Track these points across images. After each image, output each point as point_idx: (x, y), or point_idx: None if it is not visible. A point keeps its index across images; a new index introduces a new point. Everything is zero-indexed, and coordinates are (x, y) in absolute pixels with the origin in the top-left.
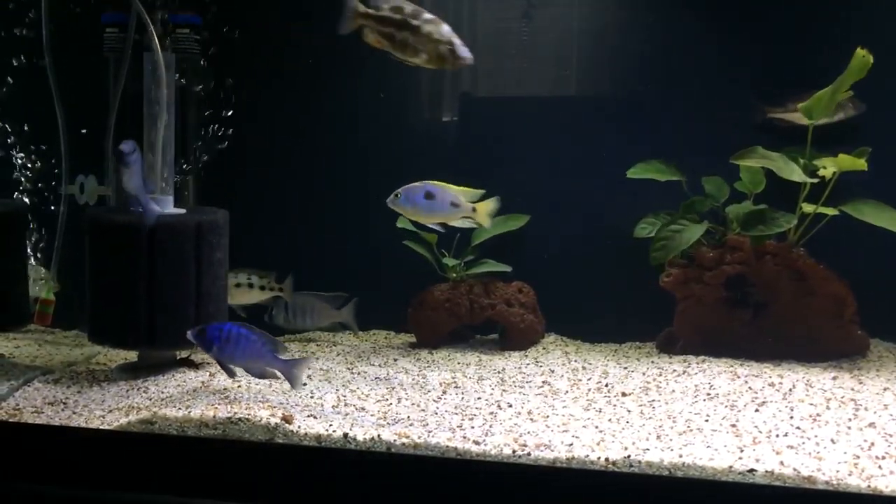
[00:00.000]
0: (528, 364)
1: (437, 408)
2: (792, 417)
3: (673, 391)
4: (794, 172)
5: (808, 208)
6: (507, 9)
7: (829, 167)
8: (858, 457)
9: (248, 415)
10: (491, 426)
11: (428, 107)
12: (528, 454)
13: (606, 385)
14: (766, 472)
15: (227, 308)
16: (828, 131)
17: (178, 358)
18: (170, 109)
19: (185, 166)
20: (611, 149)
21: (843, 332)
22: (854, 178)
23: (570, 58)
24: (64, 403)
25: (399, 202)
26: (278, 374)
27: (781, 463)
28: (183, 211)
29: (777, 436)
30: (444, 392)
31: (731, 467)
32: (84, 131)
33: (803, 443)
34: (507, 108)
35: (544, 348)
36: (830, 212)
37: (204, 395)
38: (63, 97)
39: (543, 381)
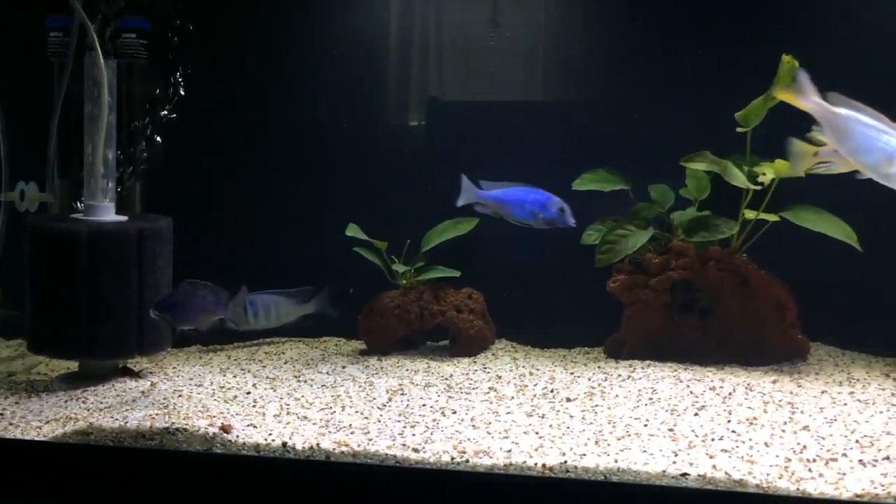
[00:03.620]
0: (476, 370)
1: (381, 415)
2: (729, 421)
3: (616, 396)
4: (738, 178)
5: (749, 214)
6: (473, 13)
7: (768, 173)
8: (790, 460)
9: (186, 425)
10: (432, 433)
11: (383, 111)
12: (467, 461)
13: (552, 391)
14: (699, 475)
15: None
16: None
17: (120, 367)
18: (110, 115)
19: (129, 168)
20: (561, 154)
21: (785, 336)
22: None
23: (528, 62)
24: (1, 414)
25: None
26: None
27: (714, 467)
28: (125, 218)
29: (713, 440)
30: (390, 399)
31: (664, 472)
32: None
33: (737, 446)
34: (458, 112)
35: (494, 354)
36: (772, 218)
37: (143, 405)
38: (3, 102)
39: (490, 388)
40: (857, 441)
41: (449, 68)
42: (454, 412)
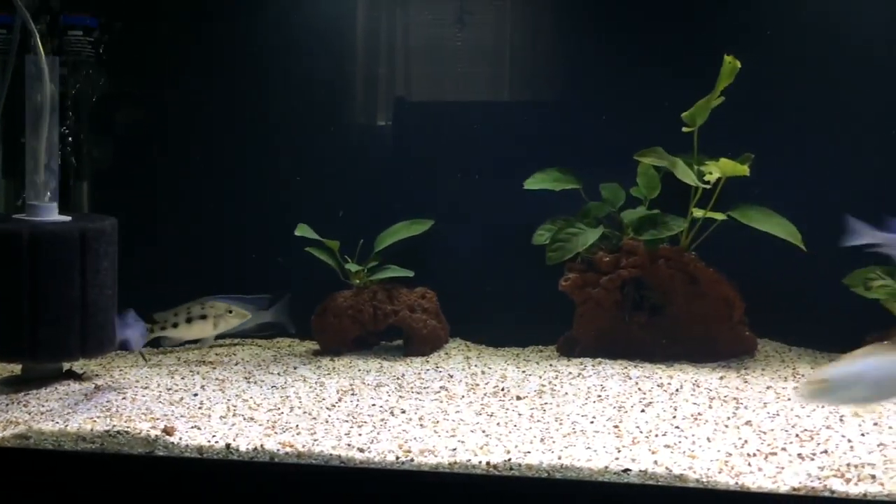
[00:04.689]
0: (429, 370)
1: (329, 416)
2: (674, 417)
3: (566, 394)
4: (687, 175)
5: (697, 213)
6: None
7: (714, 172)
8: (731, 454)
9: (128, 427)
10: (379, 433)
11: (333, 111)
12: (412, 460)
13: (503, 389)
14: (640, 471)
15: (116, 318)
16: None
17: (65, 370)
18: (53, 113)
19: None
20: (516, 154)
21: (733, 333)
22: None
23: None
24: None
25: None
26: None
27: (655, 462)
28: (68, 218)
29: (656, 436)
30: (340, 399)
31: (606, 468)
32: None
33: (680, 442)
34: (413, 112)
35: (447, 353)
36: (719, 217)
37: (85, 407)
38: None
39: (441, 387)
40: (797, 435)
41: (411, 68)
42: (403, 412)
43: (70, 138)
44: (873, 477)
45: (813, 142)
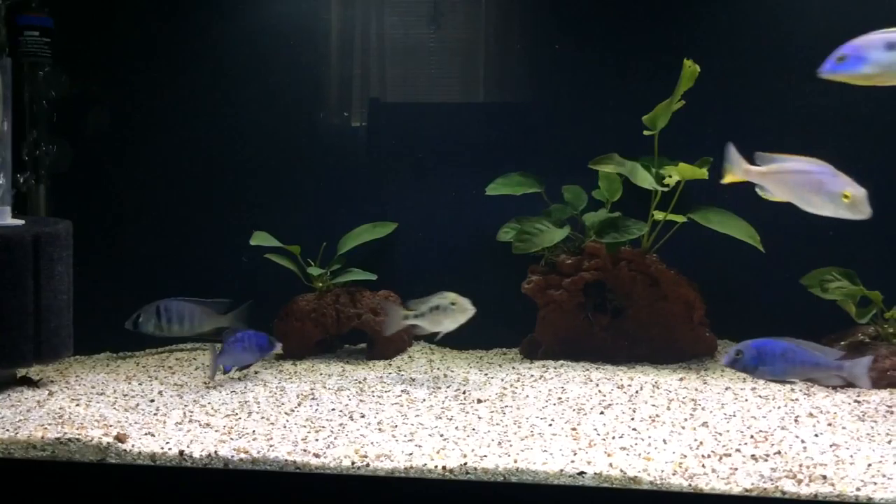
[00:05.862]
0: (391, 373)
1: (287, 421)
2: (633, 419)
3: (527, 396)
4: (645, 180)
5: (658, 216)
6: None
7: (673, 175)
8: (685, 456)
9: (80, 435)
10: (336, 438)
11: (297, 114)
12: (368, 465)
13: (464, 392)
14: (595, 474)
15: (71, 323)
16: None
17: (18, 377)
18: (6, 115)
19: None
20: (480, 157)
21: (694, 334)
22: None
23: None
24: None
25: None
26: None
27: (610, 465)
28: (21, 222)
29: (613, 438)
30: (300, 404)
31: (562, 471)
32: None
33: (636, 444)
34: (380, 114)
35: (410, 357)
36: (679, 219)
37: (38, 415)
38: None
39: (402, 391)
40: (751, 436)
41: (375, 69)
42: (363, 416)
43: (27, 140)
44: (824, 477)
45: (775, 143)
